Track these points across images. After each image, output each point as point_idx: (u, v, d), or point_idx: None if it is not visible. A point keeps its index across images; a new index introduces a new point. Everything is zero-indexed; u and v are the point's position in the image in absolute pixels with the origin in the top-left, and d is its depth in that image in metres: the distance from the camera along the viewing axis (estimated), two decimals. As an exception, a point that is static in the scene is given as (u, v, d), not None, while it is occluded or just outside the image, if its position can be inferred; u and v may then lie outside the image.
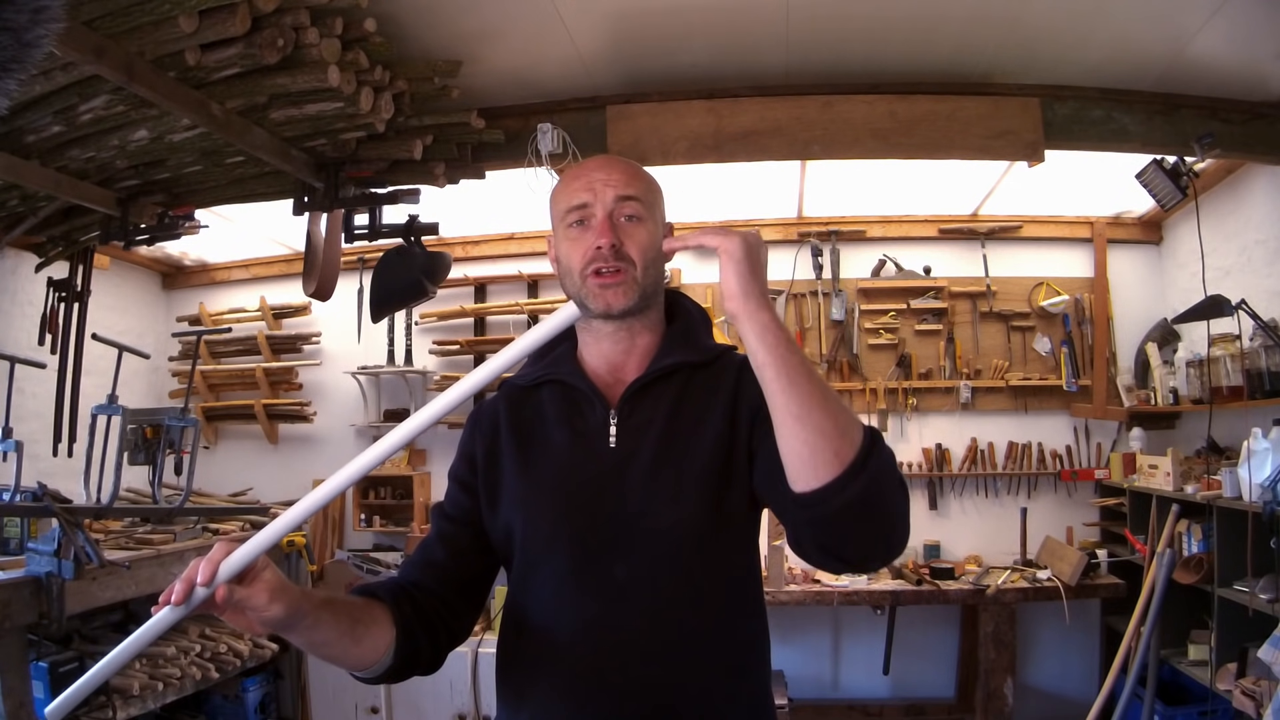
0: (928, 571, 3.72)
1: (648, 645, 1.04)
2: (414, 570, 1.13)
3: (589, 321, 1.16)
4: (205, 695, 3.62)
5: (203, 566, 0.90)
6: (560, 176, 1.20)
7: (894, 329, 4.14)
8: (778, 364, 0.91)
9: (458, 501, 1.18)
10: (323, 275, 3.11)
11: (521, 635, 1.12)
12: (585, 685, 1.05)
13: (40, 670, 2.60)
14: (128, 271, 4.45)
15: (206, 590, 0.89)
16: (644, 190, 1.14)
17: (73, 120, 2.44)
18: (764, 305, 0.94)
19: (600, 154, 1.24)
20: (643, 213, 1.12)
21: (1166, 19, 2.47)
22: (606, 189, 1.11)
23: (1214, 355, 3.22)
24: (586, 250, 1.10)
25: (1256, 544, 2.64)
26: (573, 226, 1.13)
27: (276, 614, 0.91)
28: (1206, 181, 3.40)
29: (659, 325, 1.19)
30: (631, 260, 1.10)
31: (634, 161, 1.20)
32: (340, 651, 1.01)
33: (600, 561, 1.06)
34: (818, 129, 2.85)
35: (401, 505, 4.21)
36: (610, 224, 1.10)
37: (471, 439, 1.21)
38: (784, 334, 0.93)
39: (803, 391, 0.90)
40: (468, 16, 2.41)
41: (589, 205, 1.11)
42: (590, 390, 1.14)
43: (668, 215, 1.21)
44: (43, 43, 0.79)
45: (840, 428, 0.89)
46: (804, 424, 0.89)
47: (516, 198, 3.40)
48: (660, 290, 1.18)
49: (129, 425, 3.21)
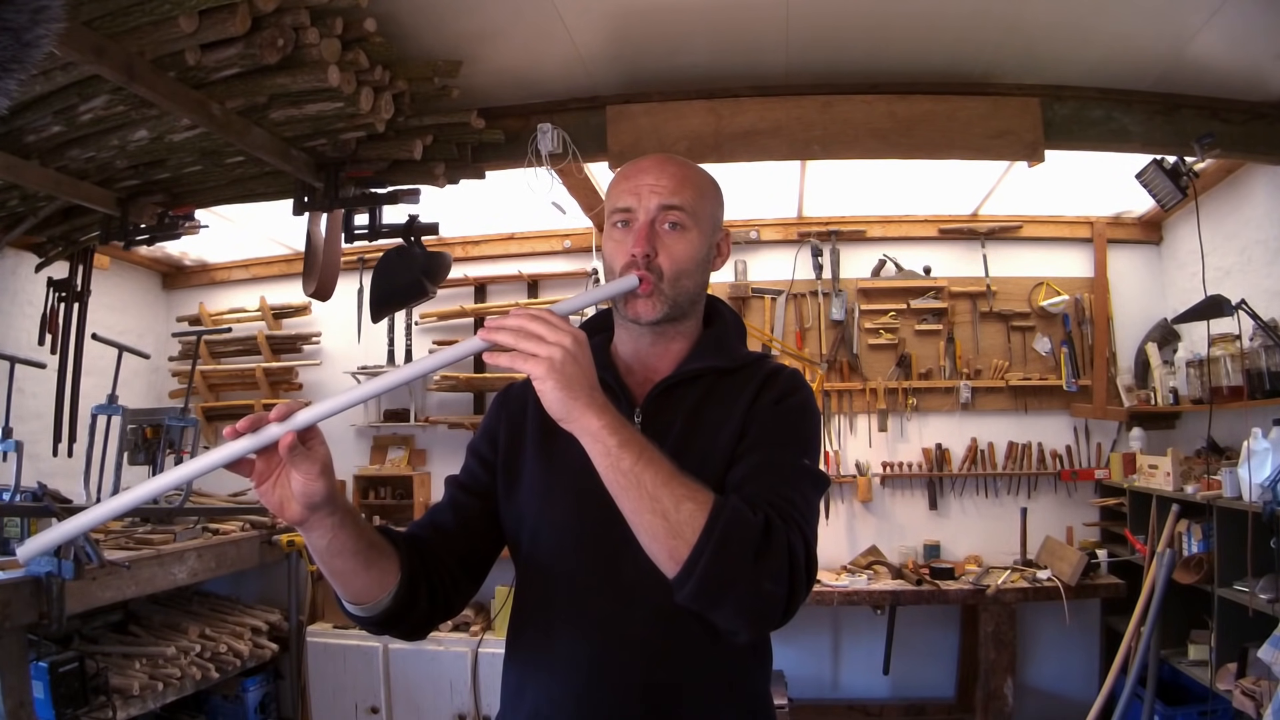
0: (928, 571, 3.72)
1: (653, 647, 1.05)
2: (422, 530, 1.13)
3: (624, 321, 1.17)
4: (205, 695, 3.63)
5: (280, 406, 0.90)
6: (618, 171, 1.20)
7: (894, 329, 4.14)
8: (606, 473, 0.92)
9: (474, 474, 1.18)
10: (323, 275, 3.11)
11: (527, 630, 1.12)
12: (589, 685, 1.05)
13: (40, 670, 2.60)
14: (128, 271, 4.45)
15: (279, 429, 0.89)
16: (692, 199, 1.13)
17: (73, 120, 2.44)
18: (588, 411, 0.91)
19: (658, 154, 1.22)
20: (686, 221, 1.12)
21: (1166, 19, 2.47)
22: (652, 196, 1.11)
23: (1214, 355, 3.22)
24: (625, 253, 1.11)
25: (1256, 544, 2.64)
26: (617, 226, 1.14)
27: (319, 490, 0.92)
28: (1206, 181, 3.40)
29: (694, 331, 1.20)
30: (661, 272, 1.10)
31: (691, 164, 1.19)
32: (349, 570, 0.99)
33: (610, 561, 1.05)
34: (818, 129, 2.85)
35: (401, 505, 4.21)
36: (648, 232, 1.10)
37: (497, 416, 1.21)
38: (612, 439, 0.91)
39: (631, 499, 0.91)
40: (468, 16, 2.41)
41: (633, 210, 1.12)
42: (619, 387, 1.14)
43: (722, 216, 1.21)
44: (43, 43, 0.79)
45: (672, 528, 0.90)
46: (639, 529, 0.92)
47: (516, 198, 3.40)
48: (699, 298, 1.19)
49: (129, 425, 3.21)
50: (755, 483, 1.01)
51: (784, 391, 1.13)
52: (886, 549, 3.98)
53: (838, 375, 4.15)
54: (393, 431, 4.39)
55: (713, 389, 1.14)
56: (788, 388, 1.14)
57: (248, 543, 3.67)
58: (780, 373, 1.17)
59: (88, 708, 2.70)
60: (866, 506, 4.11)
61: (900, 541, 4.04)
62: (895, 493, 4.15)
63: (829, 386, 4.10)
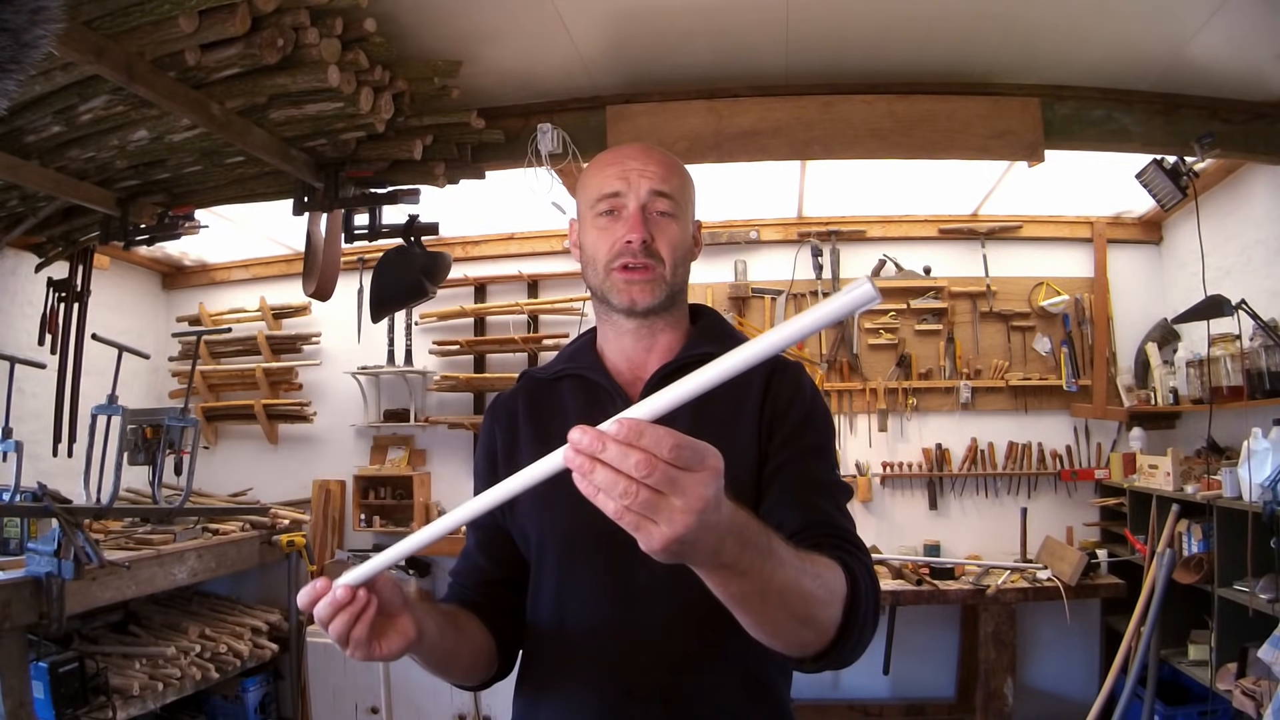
0: (928, 571, 3.72)
1: (668, 651, 1.03)
2: (474, 591, 1.13)
3: (610, 315, 1.13)
4: (205, 695, 3.63)
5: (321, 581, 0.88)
6: (593, 160, 1.15)
7: (894, 329, 4.14)
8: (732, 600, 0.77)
9: None
10: (323, 275, 3.11)
11: (541, 636, 1.11)
12: (604, 690, 1.03)
13: (40, 670, 2.60)
14: (128, 271, 4.45)
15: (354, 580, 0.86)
16: (679, 187, 1.11)
17: (73, 120, 2.44)
18: (704, 566, 0.72)
19: (636, 141, 1.19)
20: (675, 210, 1.10)
21: (1167, 19, 2.47)
22: (642, 180, 1.08)
23: (1214, 355, 3.22)
24: (615, 242, 1.07)
25: (1256, 544, 2.64)
26: (602, 215, 1.10)
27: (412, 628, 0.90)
28: (1206, 181, 3.40)
29: (682, 323, 1.17)
30: (661, 258, 1.07)
31: (670, 153, 1.16)
32: (448, 664, 1.01)
33: (620, 566, 1.03)
34: (818, 129, 2.85)
35: (401, 505, 4.20)
36: (642, 217, 1.07)
37: (491, 433, 1.18)
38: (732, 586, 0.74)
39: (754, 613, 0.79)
40: (468, 16, 2.40)
41: (621, 194, 1.08)
42: (610, 385, 1.11)
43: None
44: (42, 43, 0.79)
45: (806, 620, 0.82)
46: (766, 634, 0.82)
47: (516, 198, 3.40)
48: (685, 289, 1.16)
49: (129, 425, 3.21)
50: (810, 506, 0.99)
51: (810, 393, 1.11)
52: (886, 549, 3.98)
53: (838, 375, 4.15)
54: (393, 431, 4.39)
55: None
56: (807, 386, 1.12)
57: (248, 543, 3.67)
58: (787, 367, 1.14)
59: (88, 708, 2.70)
60: (866, 506, 4.11)
61: (900, 541, 4.04)
62: (895, 493, 4.15)
63: (829, 386, 4.10)
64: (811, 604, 0.80)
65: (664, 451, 0.61)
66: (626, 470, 0.61)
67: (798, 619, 0.80)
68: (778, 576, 0.74)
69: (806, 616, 0.81)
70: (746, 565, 0.71)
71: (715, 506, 0.63)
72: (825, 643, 0.84)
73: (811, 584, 0.79)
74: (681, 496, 0.61)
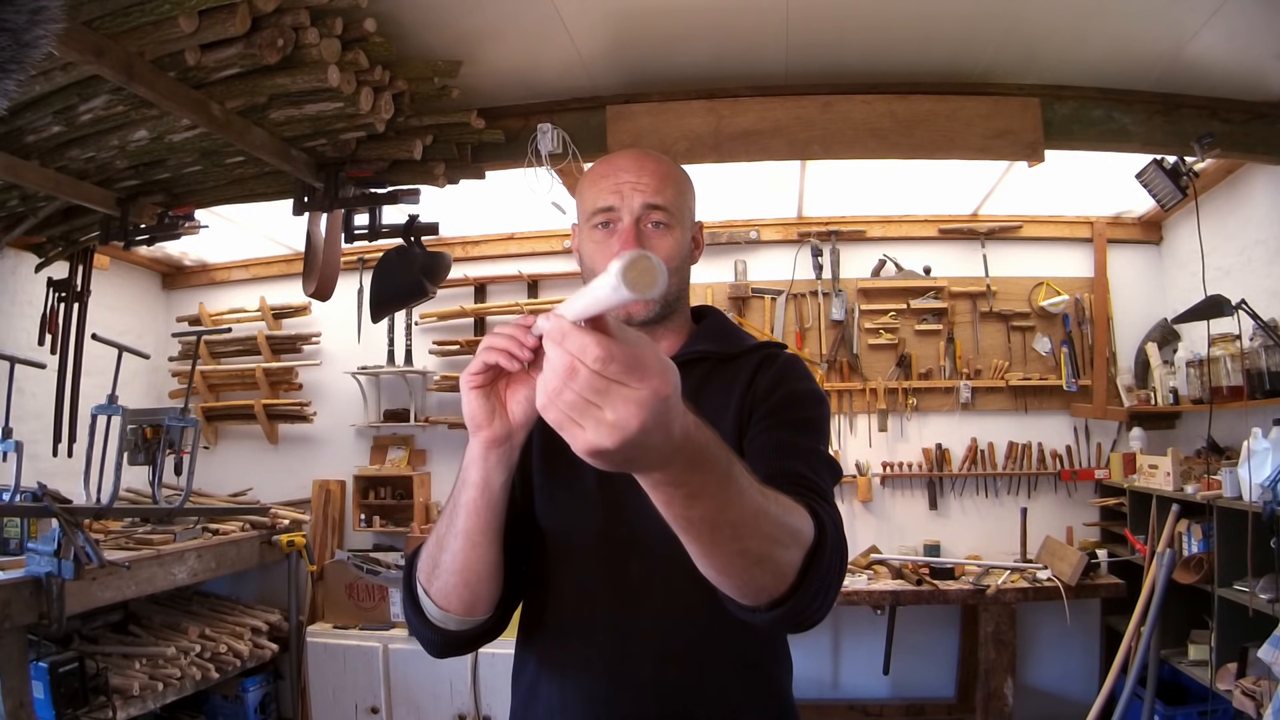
0: (928, 571, 3.72)
1: (664, 646, 1.03)
2: None
3: None
4: (205, 695, 3.63)
5: None
6: (590, 167, 1.16)
7: (894, 329, 4.14)
8: (679, 524, 0.73)
9: None
10: (323, 275, 3.11)
11: (537, 632, 1.11)
12: (601, 686, 1.04)
13: (40, 670, 2.60)
14: (128, 271, 4.45)
15: None
16: (673, 196, 1.11)
17: (73, 120, 2.44)
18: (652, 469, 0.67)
19: (631, 149, 1.18)
20: (670, 220, 1.10)
21: (1166, 19, 2.47)
22: (635, 194, 1.09)
23: (1214, 355, 3.22)
24: (610, 257, 1.08)
25: (1256, 544, 2.64)
26: (597, 229, 1.11)
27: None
28: (1206, 181, 3.40)
29: (683, 328, 1.19)
30: None
31: (665, 158, 1.16)
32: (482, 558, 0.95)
33: (615, 561, 1.04)
34: (818, 129, 2.85)
35: (401, 505, 4.20)
36: (635, 233, 1.08)
37: None
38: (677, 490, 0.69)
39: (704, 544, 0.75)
40: (468, 16, 2.40)
41: (615, 209, 1.09)
42: None
43: None
44: (41, 43, 0.79)
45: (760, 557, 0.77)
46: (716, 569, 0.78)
47: (516, 198, 3.40)
48: (684, 295, 1.17)
49: (129, 425, 3.21)
50: (784, 462, 0.95)
51: (797, 376, 1.11)
52: (886, 549, 3.98)
53: (838, 375, 4.15)
54: (393, 431, 4.39)
55: (709, 377, 1.12)
56: (796, 371, 1.12)
57: (248, 543, 3.67)
58: (779, 355, 1.14)
59: (88, 708, 2.70)
60: (866, 506, 4.11)
61: (900, 541, 4.04)
62: (895, 493, 4.15)
63: (829, 386, 4.10)
64: (768, 542, 0.76)
65: (588, 359, 0.58)
66: (554, 370, 0.59)
67: (750, 557, 0.76)
68: (733, 506, 0.71)
69: (761, 555, 0.77)
70: (698, 487, 0.68)
71: (653, 427, 0.59)
72: (782, 589, 0.79)
73: (771, 523, 0.75)
74: (613, 410, 0.58)
